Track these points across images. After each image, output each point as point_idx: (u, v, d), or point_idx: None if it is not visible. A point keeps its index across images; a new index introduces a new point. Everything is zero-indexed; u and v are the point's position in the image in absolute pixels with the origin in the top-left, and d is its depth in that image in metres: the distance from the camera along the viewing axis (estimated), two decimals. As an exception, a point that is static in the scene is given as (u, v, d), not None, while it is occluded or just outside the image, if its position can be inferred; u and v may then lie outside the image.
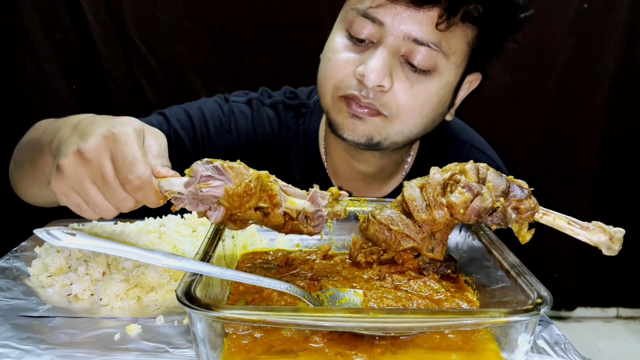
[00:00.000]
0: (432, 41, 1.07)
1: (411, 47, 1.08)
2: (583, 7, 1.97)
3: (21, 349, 0.75)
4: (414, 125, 1.16)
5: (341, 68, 1.13)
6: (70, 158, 0.78)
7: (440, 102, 1.16)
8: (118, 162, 0.76)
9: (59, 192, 0.80)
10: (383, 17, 1.08)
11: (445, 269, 0.91)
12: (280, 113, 1.38)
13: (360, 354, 0.67)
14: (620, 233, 0.78)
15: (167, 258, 0.69)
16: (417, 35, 1.07)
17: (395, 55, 1.09)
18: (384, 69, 1.07)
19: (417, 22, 1.06)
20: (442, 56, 1.10)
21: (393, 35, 1.07)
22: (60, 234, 0.66)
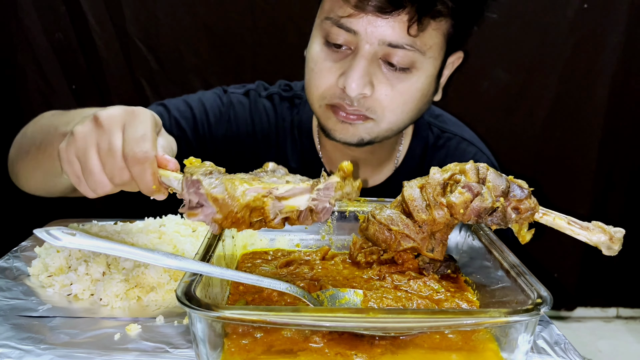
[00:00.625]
0: (406, 43, 1.10)
1: (388, 51, 1.11)
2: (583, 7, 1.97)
3: (21, 349, 0.75)
4: (401, 120, 1.20)
5: (324, 79, 1.17)
6: (86, 123, 0.79)
7: (424, 94, 1.20)
8: (129, 133, 0.77)
9: (65, 159, 0.80)
10: (356, 27, 1.10)
11: (445, 269, 0.91)
12: (276, 104, 1.43)
13: (360, 354, 0.67)
14: (620, 233, 0.78)
15: (167, 258, 0.69)
16: (391, 40, 1.10)
17: (373, 59, 1.13)
18: (363, 78, 1.11)
19: (390, 27, 1.09)
20: (418, 54, 1.12)
21: (368, 42, 1.11)
22: (60, 234, 0.66)
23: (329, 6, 1.16)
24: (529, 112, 2.14)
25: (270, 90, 1.45)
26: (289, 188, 0.73)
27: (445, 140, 1.42)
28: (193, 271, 0.68)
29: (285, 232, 1.02)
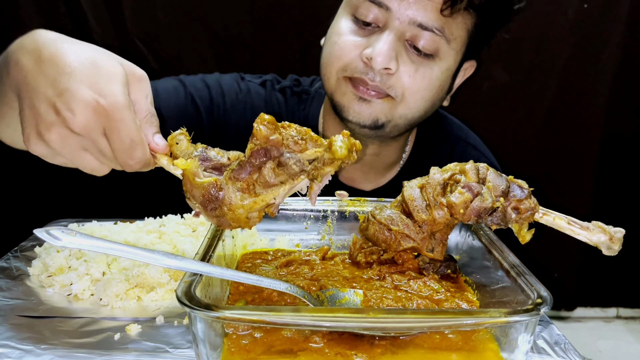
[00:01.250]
0: (436, 27, 1.11)
1: (416, 32, 1.12)
2: (583, 7, 1.97)
3: (21, 349, 0.75)
4: (417, 109, 1.20)
5: (348, 51, 1.16)
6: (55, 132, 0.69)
7: (441, 87, 1.20)
8: (115, 143, 0.71)
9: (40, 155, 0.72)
10: (389, 2, 1.11)
11: (445, 269, 0.91)
12: (287, 98, 1.44)
13: (360, 354, 0.67)
14: (620, 233, 0.78)
15: (167, 258, 0.69)
16: (422, 21, 1.10)
17: (400, 39, 1.13)
18: (390, 52, 1.10)
19: (422, 7, 1.10)
20: (444, 41, 1.14)
21: (399, 19, 1.11)
22: (60, 234, 0.66)
23: None
24: (529, 112, 2.14)
25: (283, 84, 1.45)
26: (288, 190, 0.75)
27: (450, 145, 1.42)
28: (193, 271, 0.68)
29: (285, 232, 1.03)
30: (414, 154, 1.40)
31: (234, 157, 0.76)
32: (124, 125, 0.70)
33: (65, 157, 0.73)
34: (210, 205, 0.74)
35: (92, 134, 0.70)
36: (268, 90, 1.43)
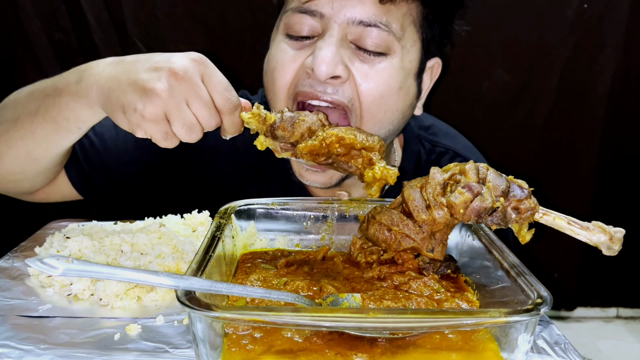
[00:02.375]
0: (380, 21, 1.02)
1: (359, 31, 1.02)
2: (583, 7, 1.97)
3: (21, 349, 0.75)
4: (380, 124, 1.09)
5: (290, 68, 1.06)
6: (164, 79, 0.81)
7: (402, 89, 1.09)
8: (213, 84, 0.84)
9: (151, 119, 0.82)
10: (322, 8, 1.02)
11: (445, 269, 0.91)
12: None
13: (360, 354, 0.67)
14: (620, 233, 0.78)
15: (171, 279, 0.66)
16: (362, 17, 1.01)
17: (344, 42, 1.03)
18: (334, 57, 1.00)
19: (359, 2, 1.01)
20: (393, 37, 1.04)
21: (337, 22, 1.02)
22: (56, 262, 0.62)
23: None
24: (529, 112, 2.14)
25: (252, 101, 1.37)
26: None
27: (437, 156, 1.34)
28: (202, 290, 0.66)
29: (285, 232, 1.02)
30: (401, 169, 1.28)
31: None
32: (218, 71, 0.85)
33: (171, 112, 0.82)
34: None
35: (194, 77, 0.82)
36: None
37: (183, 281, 0.66)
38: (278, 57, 1.09)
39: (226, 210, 0.96)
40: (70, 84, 0.94)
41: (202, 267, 0.72)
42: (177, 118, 0.82)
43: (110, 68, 0.89)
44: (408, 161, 1.33)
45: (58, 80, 0.99)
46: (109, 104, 0.87)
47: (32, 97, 1.03)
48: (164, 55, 0.86)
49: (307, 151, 0.88)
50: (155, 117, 0.82)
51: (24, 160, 1.08)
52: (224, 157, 1.31)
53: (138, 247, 1.01)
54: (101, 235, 1.06)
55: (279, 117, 0.90)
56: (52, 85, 0.99)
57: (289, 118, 0.90)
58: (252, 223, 1.00)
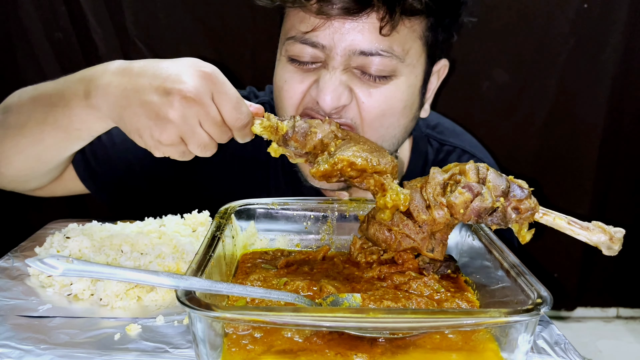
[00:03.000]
0: (381, 49, 0.99)
1: (362, 60, 1.01)
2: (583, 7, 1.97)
3: (21, 349, 0.75)
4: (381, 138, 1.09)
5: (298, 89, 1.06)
6: (177, 105, 0.80)
7: (407, 107, 1.09)
8: (224, 102, 0.83)
9: (169, 143, 0.83)
10: (323, 40, 1.00)
11: (445, 269, 0.91)
12: None
13: (360, 354, 0.67)
14: (620, 233, 0.78)
15: (172, 279, 0.66)
16: (363, 47, 0.99)
17: (347, 70, 1.02)
18: (337, 90, 1.00)
19: (359, 32, 0.99)
20: (397, 61, 1.02)
21: (338, 54, 1.00)
22: (56, 262, 0.62)
23: (290, 24, 1.06)
24: (529, 112, 2.14)
25: (260, 98, 1.36)
26: None
27: (445, 154, 1.34)
28: (202, 290, 0.66)
29: (285, 232, 1.03)
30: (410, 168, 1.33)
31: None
32: (227, 85, 0.84)
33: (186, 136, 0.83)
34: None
35: (205, 98, 0.82)
36: None
37: (183, 281, 0.66)
38: (286, 77, 1.09)
39: (226, 210, 0.96)
40: (78, 96, 0.92)
41: (202, 267, 0.72)
42: (192, 140, 0.84)
43: (117, 81, 0.86)
44: (416, 160, 1.33)
45: (64, 89, 0.96)
46: (123, 123, 0.87)
47: (38, 104, 1.01)
48: (172, 68, 0.83)
49: (319, 175, 0.87)
50: (171, 142, 0.83)
51: (33, 163, 1.09)
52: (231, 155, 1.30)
53: (138, 247, 1.02)
54: (101, 235, 1.06)
55: (291, 128, 0.89)
56: (59, 94, 0.96)
57: (301, 129, 0.89)
58: (252, 223, 1.00)
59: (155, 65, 0.85)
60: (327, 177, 0.87)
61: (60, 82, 0.99)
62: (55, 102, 0.97)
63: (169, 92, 0.81)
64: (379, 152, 0.89)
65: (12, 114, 1.07)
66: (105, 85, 0.88)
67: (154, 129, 0.83)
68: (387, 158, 0.88)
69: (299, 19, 1.03)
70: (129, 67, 0.87)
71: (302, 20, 1.02)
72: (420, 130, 1.37)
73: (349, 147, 0.88)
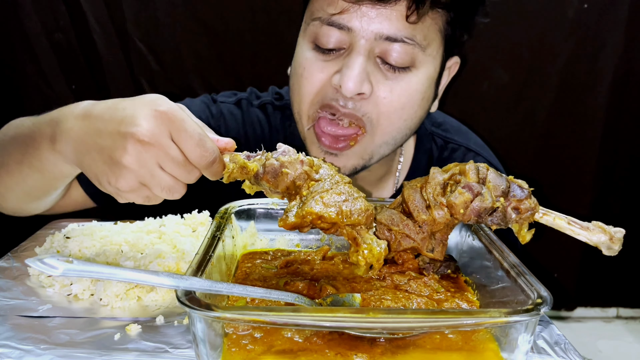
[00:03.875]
0: (405, 36, 1.03)
1: (385, 46, 1.03)
2: (583, 7, 1.97)
3: (21, 349, 0.75)
4: (397, 130, 1.12)
5: (316, 80, 1.08)
6: (131, 149, 0.75)
7: (424, 99, 1.12)
8: (185, 140, 0.76)
9: (128, 190, 0.78)
10: (350, 22, 1.03)
11: (445, 269, 0.91)
12: (269, 114, 1.35)
13: (360, 354, 0.67)
14: (620, 233, 0.78)
15: (172, 279, 0.65)
16: (389, 33, 1.02)
17: (370, 57, 1.05)
18: (360, 76, 1.02)
19: (386, 18, 1.02)
20: (418, 49, 1.05)
21: (364, 38, 1.03)
22: (56, 262, 0.62)
23: (318, 5, 1.07)
24: (529, 112, 2.14)
25: (262, 99, 1.36)
26: None
27: (450, 152, 1.35)
28: (202, 290, 0.66)
29: (285, 232, 1.02)
30: (414, 165, 1.34)
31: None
32: (187, 123, 0.77)
33: (146, 181, 0.77)
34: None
35: (162, 139, 0.75)
36: (245, 110, 1.34)
37: (183, 281, 0.66)
38: (306, 65, 1.10)
39: (226, 210, 0.96)
40: (45, 140, 0.90)
41: (202, 267, 0.72)
42: (153, 184, 0.78)
43: (78, 125, 0.83)
44: (420, 157, 1.34)
45: (35, 130, 0.93)
46: (84, 169, 0.84)
47: (16, 144, 0.99)
48: (128, 109, 0.78)
49: (289, 228, 0.83)
50: (130, 188, 0.78)
51: (25, 198, 1.07)
52: None
53: (138, 247, 1.02)
54: (101, 235, 1.07)
55: (262, 167, 0.83)
56: (31, 136, 0.94)
57: (271, 170, 0.83)
58: (252, 223, 1.00)
59: (114, 106, 0.80)
60: (298, 228, 0.83)
61: (35, 121, 0.97)
62: (29, 144, 0.95)
63: (123, 136, 0.76)
64: (353, 199, 0.82)
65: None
66: (68, 130, 0.84)
67: (110, 176, 0.78)
68: (360, 206, 0.81)
69: (328, 2, 1.05)
70: (90, 110, 0.83)
71: (330, 3, 1.04)
72: (425, 128, 1.37)
73: (320, 196, 0.81)
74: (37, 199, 1.08)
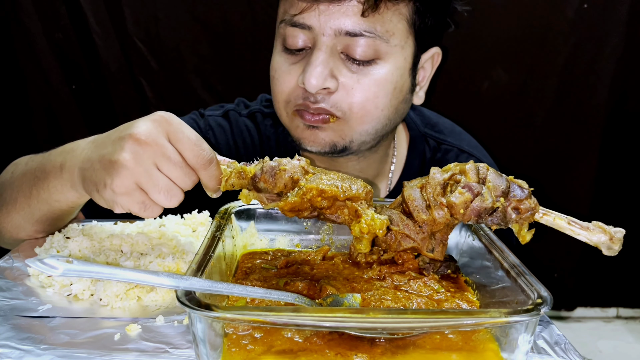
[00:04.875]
0: (365, 29, 1.05)
1: (347, 42, 1.06)
2: (583, 7, 1.97)
3: (21, 349, 0.75)
4: (376, 119, 1.13)
5: (286, 82, 1.13)
6: (128, 147, 0.76)
7: (397, 89, 1.13)
8: (181, 141, 0.78)
9: (122, 192, 0.77)
10: (309, 21, 1.06)
11: (445, 269, 0.91)
12: (259, 123, 1.36)
13: (360, 354, 0.67)
14: (620, 233, 0.78)
15: (172, 279, 0.65)
16: (347, 28, 1.05)
17: (333, 53, 1.08)
18: (322, 71, 1.05)
19: (343, 14, 1.04)
20: (380, 41, 1.07)
21: (324, 34, 1.06)
22: (56, 262, 0.62)
23: (284, 8, 1.13)
24: (529, 112, 2.14)
25: (251, 108, 1.38)
26: None
27: (443, 153, 1.35)
28: (202, 290, 0.66)
29: (285, 232, 1.02)
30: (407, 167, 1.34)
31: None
32: (184, 126, 0.79)
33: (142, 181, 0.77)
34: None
35: (159, 139, 0.77)
36: (233, 121, 1.35)
37: (183, 281, 0.65)
38: (277, 68, 1.16)
39: (226, 210, 0.96)
40: (55, 168, 0.93)
41: (202, 267, 0.72)
42: (150, 185, 0.78)
43: (87, 148, 0.86)
44: (413, 159, 1.34)
45: (47, 162, 0.97)
46: (86, 184, 0.84)
47: (26, 178, 1.02)
48: (129, 123, 0.81)
49: (289, 209, 0.82)
50: (126, 190, 0.77)
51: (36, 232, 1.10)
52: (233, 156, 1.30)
53: (138, 247, 1.02)
54: (101, 235, 1.06)
55: (259, 170, 0.84)
56: (41, 168, 0.98)
57: (269, 169, 0.83)
58: (252, 223, 1.00)
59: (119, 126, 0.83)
60: (297, 212, 0.83)
61: (46, 155, 1.00)
62: (39, 176, 0.98)
63: (122, 138, 0.78)
64: (351, 180, 0.85)
65: (6, 189, 1.09)
66: (77, 155, 0.88)
67: (106, 178, 0.78)
68: (359, 184, 0.84)
69: (290, 4, 1.10)
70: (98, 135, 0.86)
71: (292, 5, 1.09)
72: (418, 129, 1.37)
73: (319, 178, 0.83)
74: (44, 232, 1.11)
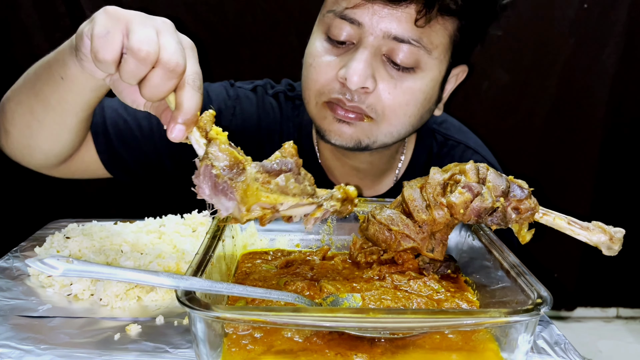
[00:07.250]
0: (412, 38, 1.06)
1: (392, 46, 1.07)
2: (583, 7, 1.97)
3: (21, 349, 0.75)
4: (402, 125, 1.15)
5: (323, 72, 1.12)
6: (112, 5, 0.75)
7: (427, 99, 1.15)
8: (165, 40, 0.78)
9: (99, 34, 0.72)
10: (361, 17, 1.06)
11: (445, 269, 0.91)
12: (281, 103, 1.39)
13: (360, 354, 0.67)
14: (620, 233, 0.78)
15: (172, 279, 0.65)
16: (396, 33, 1.06)
17: (376, 55, 1.08)
18: (366, 70, 1.06)
19: (396, 19, 1.05)
20: (424, 52, 1.08)
21: (373, 34, 1.06)
22: (56, 262, 0.61)
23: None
24: (529, 112, 2.14)
25: (276, 89, 1.42)
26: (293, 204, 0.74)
27: (449, 149, 1.38)
28: (202, 290, 0.66)
29: (285, 232, 1.03)
30: (413, 162, 1.36)
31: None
32: (177, 35, 0.83)
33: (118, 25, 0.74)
34: (229, 174, 0.70)
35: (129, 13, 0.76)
36: (260, 96, 1.39)
37: (183, 281, 0.66)
38: (316, 55, 1.15)
39: (226, 210, 0.96)
40: (68, 47, 0.92)
41: (202, 267, 0.72)
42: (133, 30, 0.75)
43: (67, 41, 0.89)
44: (420, 153, 1.37)
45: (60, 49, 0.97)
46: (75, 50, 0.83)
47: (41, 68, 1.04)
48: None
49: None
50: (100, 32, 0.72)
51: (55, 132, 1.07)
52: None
53: (138, 247, 1.02)
54: (101, 235, 1.07)
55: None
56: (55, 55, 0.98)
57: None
58: (252, 223, 1.00)
59: None
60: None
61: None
62: (52, 63, 0.98)
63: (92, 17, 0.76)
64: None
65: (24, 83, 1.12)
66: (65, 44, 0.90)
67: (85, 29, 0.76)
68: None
69: None
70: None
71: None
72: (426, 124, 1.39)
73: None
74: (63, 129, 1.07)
